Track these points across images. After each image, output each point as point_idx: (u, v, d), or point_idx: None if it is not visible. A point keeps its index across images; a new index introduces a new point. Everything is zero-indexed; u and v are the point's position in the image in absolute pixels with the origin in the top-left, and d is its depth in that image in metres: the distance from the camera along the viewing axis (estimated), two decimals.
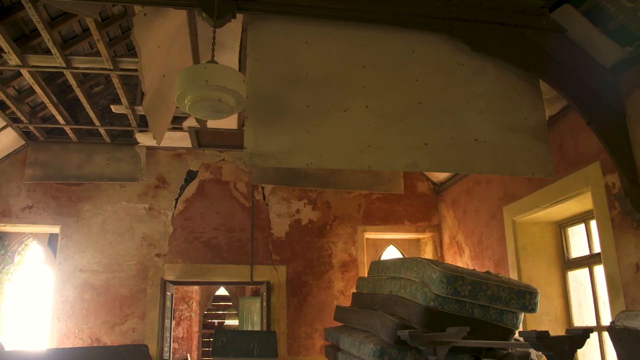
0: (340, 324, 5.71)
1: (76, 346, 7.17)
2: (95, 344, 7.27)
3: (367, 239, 8.32)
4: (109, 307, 7.49)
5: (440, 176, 8.16)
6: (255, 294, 12.78)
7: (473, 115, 4.06)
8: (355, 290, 5.89)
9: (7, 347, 6.40)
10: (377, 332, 4.40)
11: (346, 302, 7.52)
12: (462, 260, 7.43)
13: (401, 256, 8.43)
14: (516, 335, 4.32)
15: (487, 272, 4.44)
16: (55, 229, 7.79)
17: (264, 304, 7.89)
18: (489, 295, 4.04)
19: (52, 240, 8.02)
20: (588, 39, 4.21)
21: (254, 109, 3.76)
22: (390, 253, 8.63)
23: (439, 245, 8.26)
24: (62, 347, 7.13)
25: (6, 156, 7.77)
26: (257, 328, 10.64)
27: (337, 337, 5.27)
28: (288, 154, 3.72)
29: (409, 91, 4.04)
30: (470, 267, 7.07)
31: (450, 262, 7.48)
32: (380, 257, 8.45)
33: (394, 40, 4.12)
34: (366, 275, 6.19)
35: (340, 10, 3.97)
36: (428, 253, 8.38)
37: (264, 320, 7.82)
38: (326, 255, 8.02)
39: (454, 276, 3.98)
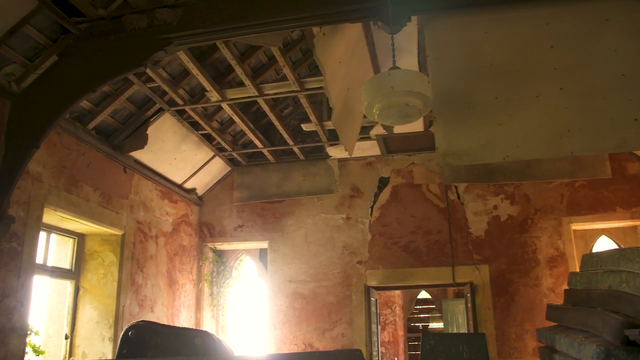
0: (554, 323, 5.38)
1: (292, 351, 7.68)
2: (309, 349, 7.72)
3: (574, 230, 7.72)
4: (318, 314, 7.91)
5: None
6: (458, 295, 12.52)
7: None
8: (567, 287, 5.51)
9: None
10: (599, 331, 4.05)
11: (557, 300, 7.04)
12: None
13: (616, 247, 7.67)
14: None
15: None
16: (264, 244, 8.50)
17: (469, 305, 7.71)
18: None
19: (262, 254, 8.75)
20: None
21: (441, 109, 3.71)
22: (603, 244, 7.90)
23: None
24: (280, 352, 7.68)
25: (217, 182, 8.72)
26: (462, 330, 10.40)
27: (551, 338, 4.97)
28: (482, 150, 3.61)
29: (607, 64, 3.65)
30: None
31: None
32: (591, 250, 7.79)
33: (583, 12, 3.76)
34: (578, 270, 5.76)
35: None
36: None
37: (470, 322, 7.64)
38: (530, 251, 7.60)
39: None
